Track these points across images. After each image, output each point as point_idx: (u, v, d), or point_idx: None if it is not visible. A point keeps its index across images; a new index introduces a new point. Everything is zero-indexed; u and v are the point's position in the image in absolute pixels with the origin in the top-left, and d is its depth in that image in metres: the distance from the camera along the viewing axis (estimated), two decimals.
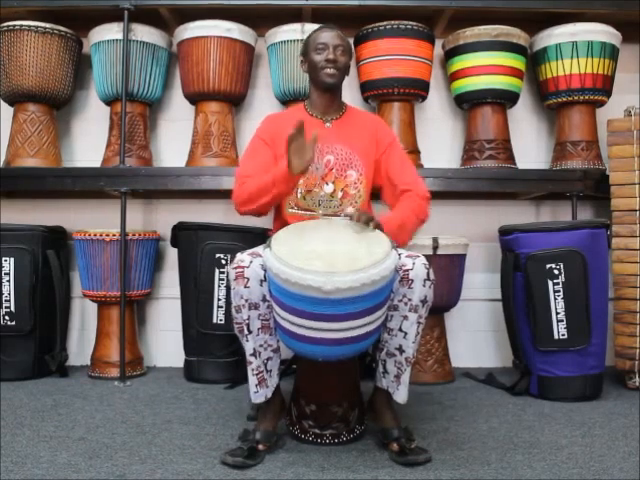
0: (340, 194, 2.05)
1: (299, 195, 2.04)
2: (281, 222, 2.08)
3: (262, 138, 2.09)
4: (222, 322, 2.75)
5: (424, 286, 1.77)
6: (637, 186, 2.63)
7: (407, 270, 1.76)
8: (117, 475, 1.67)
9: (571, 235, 2.47)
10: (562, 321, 2.45)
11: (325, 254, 1.69)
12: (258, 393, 1.86)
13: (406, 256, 1.80)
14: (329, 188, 2.04)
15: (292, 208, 2.08)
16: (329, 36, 2.05)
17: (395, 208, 2.04)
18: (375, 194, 2.16)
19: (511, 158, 3.00)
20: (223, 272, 2.74)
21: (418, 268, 1.77)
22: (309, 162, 1.84)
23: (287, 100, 3.00)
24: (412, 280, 1.76)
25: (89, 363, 2.92)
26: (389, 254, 1.70)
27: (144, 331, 3.17)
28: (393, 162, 2.09)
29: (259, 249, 1.82)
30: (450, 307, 2.85)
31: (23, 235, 2.79)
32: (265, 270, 1.74)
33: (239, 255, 1.80)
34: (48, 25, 2.87)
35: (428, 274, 1.77)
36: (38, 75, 2.87)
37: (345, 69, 2.08)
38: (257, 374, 1.84)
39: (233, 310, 1.79)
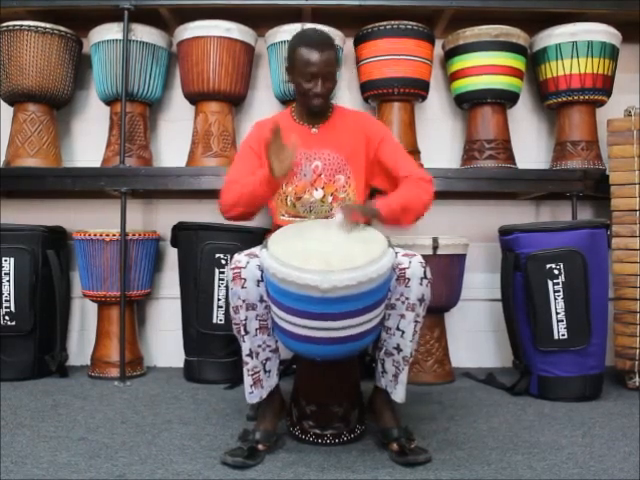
0: (330, 199, 2.05)
1: (289, 203, 2.04)
2: (276, 229, 2.07)
3: (250, 145, 2.09)
4: (222, 322, 2.75)
5: (421, 285, 1.77)
6: (637, 186, 2.63)
7: (404, 269, 1.76)
8: (117, 475, 1.67)
9: (571, 235, 2.47)
10: (562, 321, 2.45)
11: (322, 253, 1.69)
12: (253, 394, 1.86)
13: (403, 255, 1.80)
14: (319, 194, 2.04)
15: (283, 215, 2.08)
16: (319, 62, 1.93)
17: (396, 190, 2.00)
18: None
19: (511, 158, 3.00)
20: (223, 272, 2.74)
21: (414, 266, 1.77)
22: (289, 166, 1.84)
23: (287, 100, 3.00)
24: (409, 279, 1.76)
25: (89, 363, 2.92)
26: (386, 252, 1.70)
27: (144, 331, 3.17)
28: (389, 156, 2.06)
29: (256, 250, 1.82)
30: (450, 307, 2.85)
31: (23, 235, 2.79)
32: (262, 271, 1.74)
33: (236, 256, 1.81)
34: (48, 25, 2.87)
35: (425, 272, 1.78)
36: (38, 75, 2.87)
37: (333, 88, 2.03)
38: (252, 374, 1.84)
39: (231, 310, 1.80)
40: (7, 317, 2.74)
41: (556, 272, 2.45)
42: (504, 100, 2.98)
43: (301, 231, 1.86)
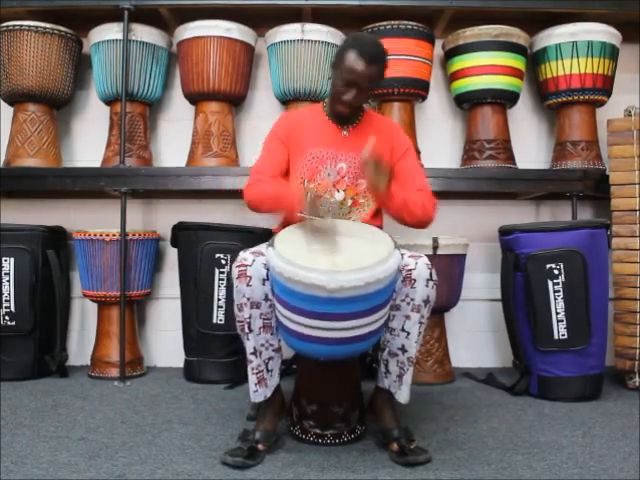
0: (350, 202, 2.04)
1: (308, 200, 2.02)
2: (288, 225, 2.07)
3: (277, 136, 2.07)
4: (222, 322, 2.75)
5: (427, 286, 1.77)
6: (637, 186, 2.63)
7: (410, 270, 1.77)
8: (117, 475, 1.67)
9: (571, 235, 2.47)
10: (562, 321, 2.45)
11: (329, 253, 1.69)
12: (257, 392, 1.86)
13: (409, 256, 1.81)
14: (339, 196, 2.03)
15: (300, 213, 2.06)
16: (362, 74, 1.90)
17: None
18: None
19: (511, 158, 3.00)
20: (223, 272, 2.74)
21: (421, 268, 1.77)
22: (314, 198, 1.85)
23: (287, 100, 3.00)
24: (415, 280, 1.76)
25: (89, 363, 2.92)
26: (392, 253, 1.70)
27: (144, 331, 3.17)
28: (408, 169, 2.05)
29: (262, 248, 1.81)
30: (450, 307, 2.85)
31: (23, 235, 2.78)
32: (268, 269, 1.74)
33: (242, 253, 1.80)
34: (48, 25, 2.87)
35: (431, 274, 1.78)
36: (38, 75, 2.87)
37: (364, 101, 2.02)
38: (257, 373, 1.84)
39: (235, 308, 1.80)
40: (7, 317, 2.74)
41: (556, 272, 2.45)
42: (504, 100, 2.98)
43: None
